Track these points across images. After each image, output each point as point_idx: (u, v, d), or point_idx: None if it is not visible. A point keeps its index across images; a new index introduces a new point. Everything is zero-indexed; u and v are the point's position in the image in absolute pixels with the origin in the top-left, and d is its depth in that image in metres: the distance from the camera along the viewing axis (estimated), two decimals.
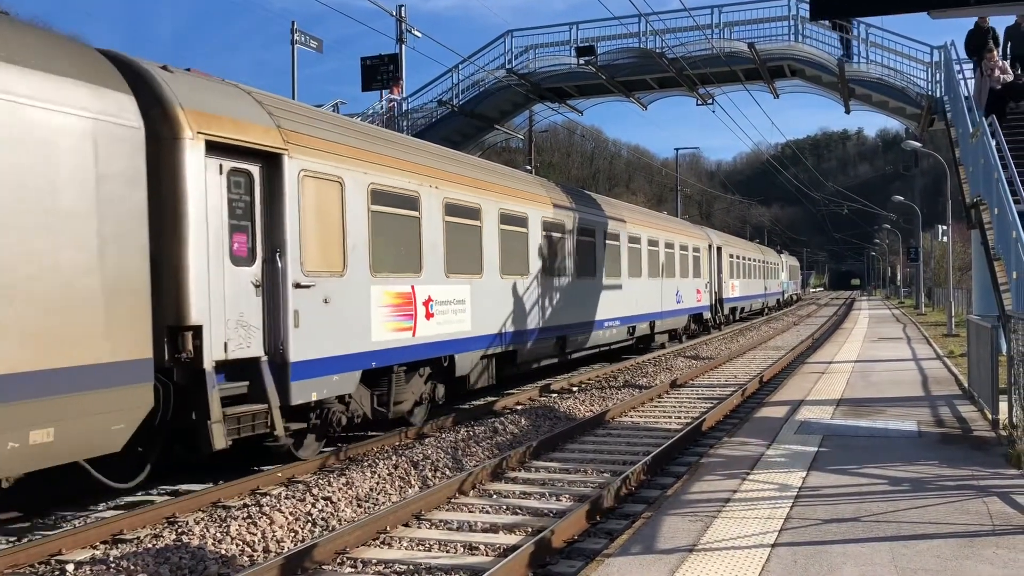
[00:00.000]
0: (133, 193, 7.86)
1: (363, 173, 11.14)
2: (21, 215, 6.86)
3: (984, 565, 5.47)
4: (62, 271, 7.16)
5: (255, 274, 9.40)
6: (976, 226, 13.98)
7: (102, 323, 7.48)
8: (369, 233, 11.19)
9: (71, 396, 7.15)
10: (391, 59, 26.16)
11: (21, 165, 6.89)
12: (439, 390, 13.23)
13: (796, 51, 21.93)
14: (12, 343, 6.69)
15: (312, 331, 9.94)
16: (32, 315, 6.88)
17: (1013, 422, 9.13)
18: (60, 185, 7.20)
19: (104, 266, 7.53)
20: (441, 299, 12.96)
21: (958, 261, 44.52)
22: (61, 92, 7.28)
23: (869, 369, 17.38)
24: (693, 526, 6.47)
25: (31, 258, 6.91)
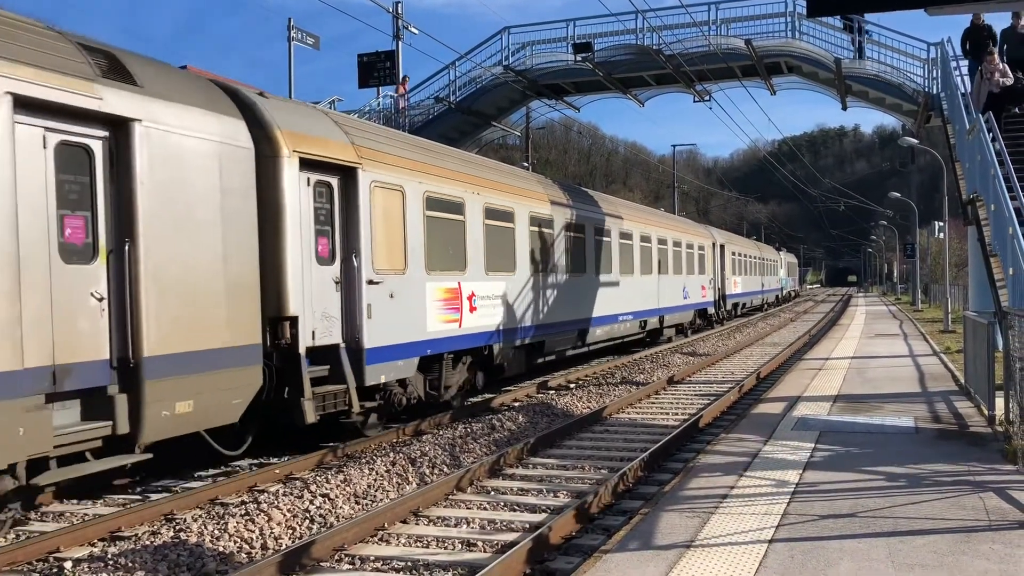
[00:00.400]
0: (246, 205, 9.26)
1: (419, 183, 12.60)
2: (172, 225, 8.27)
3: (980, 560, 5.49)
4: (199, 271, 8.57)
5: (335, 272, 10.81)
6: (973, 222, 13.98)
7: (225, 314, 8.87)
8: (424, 235, 12.63)
9: (204, 375, 8.54)
10: (388, 56, 26.12)
11: (171, 183, 8.27)
12: (479, 377, 14.71)
13: (793, 48, 21.94)
14: (167, 332, 8.11)
15: (381, 322, 11.34)
16: (178, 308, 8.27)
17: (1009, 418, 9.15)
18: (196, 199, 8.59)
19: (227, 267, 8.92)
20: (482, 294, 14.40)
21: (955, 257, 44.58)
22: (196, 121, 8.69)
23: (866, 365, 17.41)
24: (690, 522, 6.48)
25: (179, 260, 8.35)
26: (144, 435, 7.99)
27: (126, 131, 7.97)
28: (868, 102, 22.59)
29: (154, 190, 8.14)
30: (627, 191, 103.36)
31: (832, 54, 21.34)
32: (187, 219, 8.47)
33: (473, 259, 14.16)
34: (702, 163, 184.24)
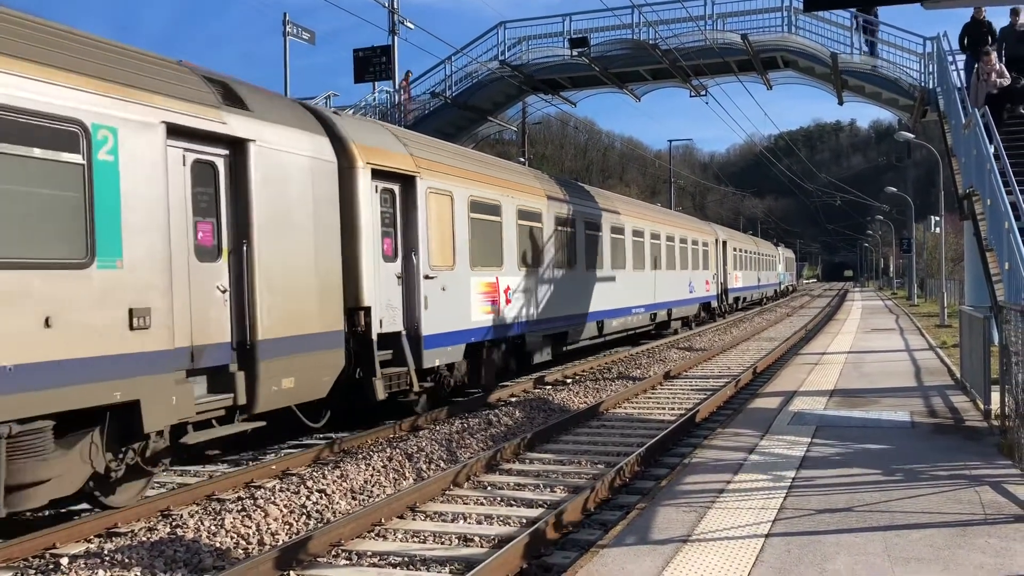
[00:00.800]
0: (331, 211, 10.63)
1: (465, 188, 14.05)
2: (277, 229, 9.61)
3: (976, 554, 5.50)
4: (297, 268, 9.92)
5: (397, 269, 12.23)
6: (968, 217, 13.98)
7: (316, 304, 10.23)
8: (469, 235, 14.09)
9: (302, 355, 9.84)
10: (383, 51, 26.04)
11: (276, 193, 9.61)
12: (512, 363, 16.04)
13: (789, 42, 21.91)
14: (275, 319, 9.43)
15: (435, 312, 12.76)
16: (282, 298, 9.61)
17: (1005, 412, 9.18)
18: (294, 207, 9.93)
19: (318, 264, 10.29)
20: (515, 288, 15.81)
21: (951, 252, 44.67)
22: (293, 139, 10.02)
23: (862, 360, 17.43)
24: (687, 517, 6.49)
25: (282, 259, 9.65)
26: (258, 406, 9.23)
27: (242, 150, 9.28)
28: (864, 97, 22.58)
29: (263, 199, 9.43)
30: (623, 186, 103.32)
31: (828, 48, 21.33)
32: (288, 224, 9.84)
33: (508, 256, 15.60)
34: (698, 158, 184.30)
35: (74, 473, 7.41)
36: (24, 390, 6.69)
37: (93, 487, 7.79)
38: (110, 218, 7.57)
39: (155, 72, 8.42)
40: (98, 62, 7.73)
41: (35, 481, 7.05)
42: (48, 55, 7.21)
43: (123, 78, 7.87)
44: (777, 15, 22.17)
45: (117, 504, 8.04)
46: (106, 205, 7.54)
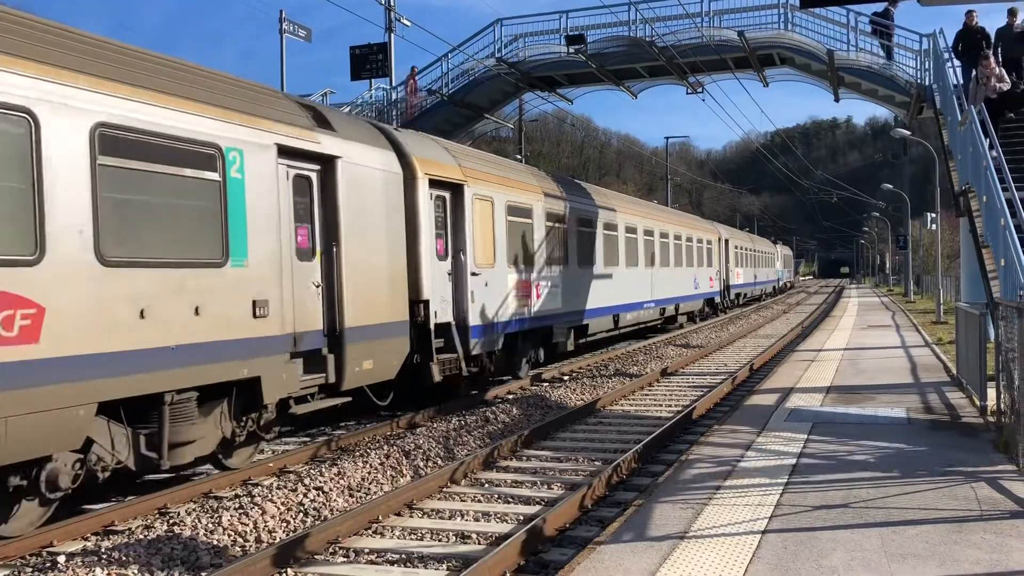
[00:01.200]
0: (398, 216, 12.10)
1: (503, 194, 15.46)
2: (358, 232, 11.02)
3: (972, 550, 5.52)
4: (373, 266, 11.36)
5: (448, 267, 13.60)
6: (965, 214, 13.97)
7: (388, 297, 11.69)
8: (506, 236, 15.47)
9: (378, 341, 11.33)
10: (380, 48, 26.00)
11: (357, 202, 11.05)
12: (540, 353, 17.46)
13: (785, 39, 21.91)
14: (357, 310, 10.83)
15: (479, 305, 14.19)
16: (363, 292, 11.01)
17: (1001, 408, 9.20)
18: (371, 213, 11.38)
19: (389, 263, 11.79)
20: (544, 284, 17.21)
21: (947, 249, 44.75)
22: (369, 155, 11.54)
23: (858, 357, 17.46)
24: (684, 513, 6.50)
25: (362, 258, 11.07)
26: (345, 384, 10.64)
27: (332, 165, 10.68)
28: (860, 94, 22.59)
29: (348, 207, 10.84)
30: (620, 183, 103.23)
31: (825, 45, 21.33)
32: (366, 228, 11.26)
33: (538, 255, 17.04)
34: (695, 155, 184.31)
35: (210, 437, 8.86)
36: (181, 366, 8.14)
37: (217, 450, 9.17)
38: (239, 225, 9.05)
39: (267, 101, 9.99)
40: (227, 95, 9.24)
41: (186, 441, 8.48)
42: (189, 90, 8.62)
43: (246, 108, 9.40)
44: (774, 12, 22.17)
45: (234, 466, 9.54)
46: (236, 214, 9.03)
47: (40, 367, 6.84)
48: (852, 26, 21.25)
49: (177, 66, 8.84)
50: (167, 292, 8.06)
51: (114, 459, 7.89)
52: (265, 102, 9.91)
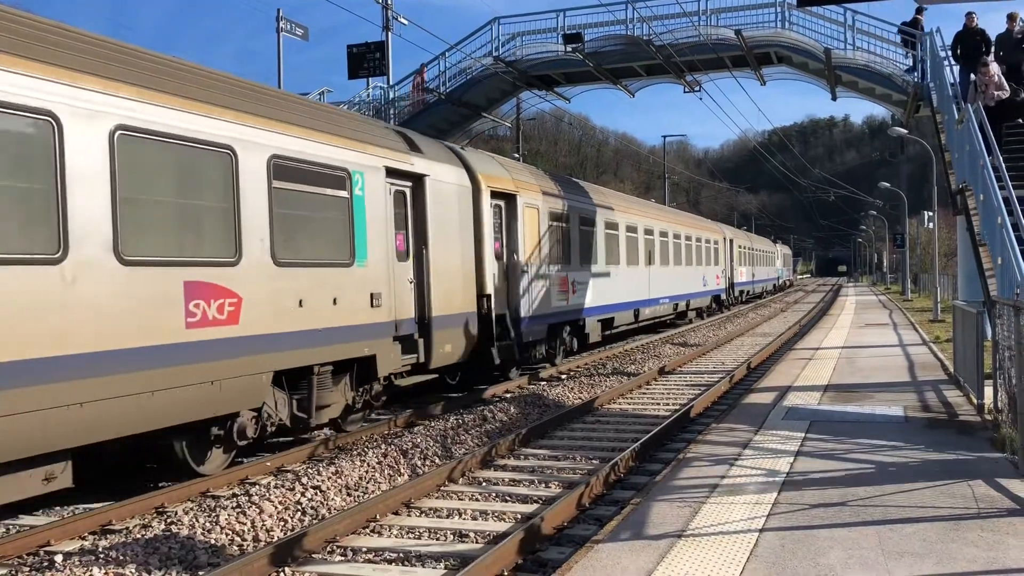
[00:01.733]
0: (468, 223, 14.29)
1: (546, 201, 17.60)
2: (441, 237, 13.25)
3: (969, 548, 5.52)
4: (451, 265, 13.54)
5: (503, 265, 15.65)
6: (962, 212, 13.98)
7: (462, 291, 13.86)
8: (548, 239, 17.56)
9: (455, 328, 13.49)
10: (377, 47, 26.00)
11: (440, 212, 13.26)
12: (575, 342, 19.42)
13: (783, 38, 21.91)
14: (440, 302, 13.02)
15: (529, 299, 16.32)
16: (444, 287, 13.24)
17: (998, 406, 9.21)
18: (449, 221, 13.59)
19: (463, 263, 13.96)
20: (578, 281, 19.34)
21: (944, 247, 44.77)
22: (447, 172, 13.73)
23: (856, 355, 17.48)
24: (682, 512, 6.50)
25: (444, 259, 13.28)
26: (432, 364, 12.83)
27: (421, 182, 12.86)
28: (858, 92, 22.60)
29: (433, 216, 13.00)
30: (618, 182, 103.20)
31: (822, 44, 21.34)
32: (446, 233, 13.46)
33: (573, 255, 19.07)
34: (692, 154, 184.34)
35: (339, 403, 10.92)
36: (325, 344, 10.26)
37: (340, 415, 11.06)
38: (361, 233, 11.13)
39: (377, 131, 12.40)
40: (350, 128, 11.47)
41: (325, 405, 10.56)
42: (328, 126, 10.85)
43: (364, 137, 11.61)
44: (771, 10, 22.18)
45: (351, 429, 11.48)
46: (359, 224, 11.09)
47: (240, 343, 8.92)
48: (849, 25, 21.25)
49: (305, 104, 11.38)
50: (316, 286, 10.16)
51: (277, 417, 9.79)
52: (375, 131, 12.35)
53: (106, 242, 7.55)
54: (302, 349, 9.86)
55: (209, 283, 8.61)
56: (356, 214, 11.03)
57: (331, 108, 12.42)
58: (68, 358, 7.13)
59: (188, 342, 8.32)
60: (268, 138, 9.52)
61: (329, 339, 10.31)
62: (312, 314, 10.02)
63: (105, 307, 7.50)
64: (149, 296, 7.95)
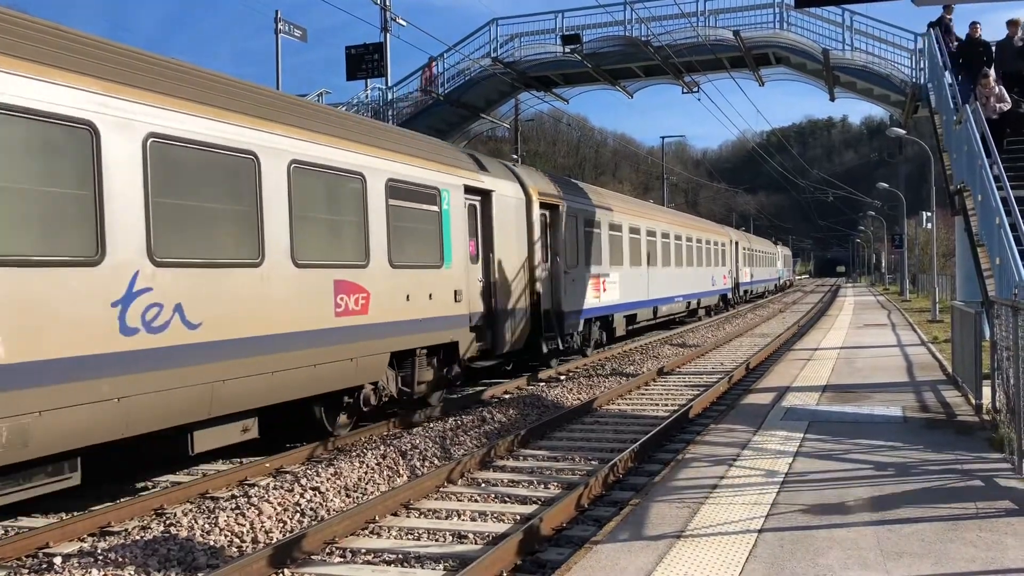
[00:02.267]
0: (523, 230, 16.55)
1: (582, 210, 19.97)
2: (504, 243, 15.53)
3: (967, 548, 5.53)
4: (511, 267, 15.74)
5: (548, 267, 17.74)
6: (960, 212, 13.99)
7: (518, 289, 16.02)
8: (585, 243, 20.02)
9: (515, 320, 15.76)
10: (376, 48, 26.00)
11: (503, 222, 15.53)
12: (604, 335, 22.02)
13: (781, 39, 21.95)
14: (503, 298, 15.25)
15: (570, 296, 18.60)
16: (507, 285, 15.48)
17: (996, 407, 9.22)
18: (510, 229, 15.86)
19: (519, 264, 16.14)
20: (608, 281, 21.57)
21: (942, 247, 44.80)
22: (507, 187, 15.94)
23: (854, 355, 17.49)
24: (681, 512, 6.51)
25: (506, 261, 15.56)
26: (497, 350, 15.15)
27: (488, 196, 15.09)
28: (856, 93, 22.64)
29: (497, 225, 15.26)
30: (616, 183, 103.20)
31: (820, 45, 21.37)
32: (507, 240, 15.71)
33: (604, 257, 21.44)
34: (691, 154, 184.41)
35: (429, 381, 12.98)
36: (424, 331, 12.53)
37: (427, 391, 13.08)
38: (447, 240, 13.40)
39: (456, 155, 14.83)
40: (439, 154, 13.82)
41: (422, 381, 12.71)
42: (424, 152, 13.18)
43: (449, 161, 13.95)
44: (769, 11, 22.22)
45: (433, 403, 13.35)
46: (446, 233, 13.38)
47: (369, 329, 11.16)
48: (848, 25, 21.29)
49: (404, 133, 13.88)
50: (418, 284, 12.41)
51: (389, 390, 11.93)
52: (456, 155, 14.74)
53: (286, 250, 9.71)
54: (409, 335, 12.17)
55: (350, 281, 10.87)
56: (444, 225, 13.36)
57: (423, 137, 14.67)
58: (266, 338, 9.33)
59: (336, 327, 10.51)
60: (387, 166, 11.85)
61: (427, 327, 12.65)
62: (416, 307, 12.36)
63: (286, 299, 9.64)
64: (313, 291, 10.11)
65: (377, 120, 14.20)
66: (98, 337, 7.39)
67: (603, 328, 21.78)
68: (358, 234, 11.13)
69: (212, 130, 8.70)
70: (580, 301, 19.28)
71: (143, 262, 7.85)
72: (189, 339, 8.30)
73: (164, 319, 8.06)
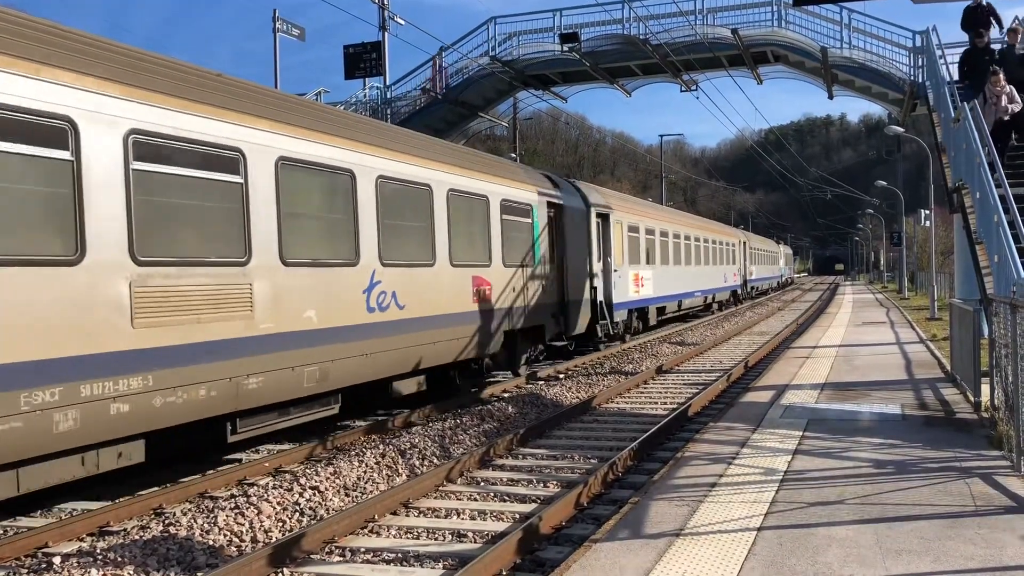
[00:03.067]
0: (584, 236, 19.60)
1: (624, 217, 23.10)
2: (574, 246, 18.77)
3: (966, 545, 5.53)
4: (577, 264, 19.01)
5: (601, 265, 20.75)
6: (958, 210, 13.97)
7: (581, 284, 19.21)
8: (628, 245, 23.28)
9: (579, 309, 18.86)
10: (374, 47, 25.98)
11: (573, 228, 18.73)
12: (640, 324, 25.46)
13: (779, 37, 21.96)
14: (572, 290, 18.32)
15: (617, 291, 21.82)
16: (576, 279, 18.74)
17: (995, 404, 9.23)
18: (576, 234, 19.01)
19: (581, 264, 19.28)
20: (644, 277, 25.11)
21: (940, 245, 44.78)
22: (574, 201, 19.14)
23: (853, 353, 17.50)
24: (680, 511, 6.51)
25: (575, 261, 18.73)
26: (568, 332, 18.40)
27: (560, 208, 18.13)
28: (854, 91, 22.65)
29: (568, 232, 18.45)
30: (615, 181, 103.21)
31: (818, 43, 21.36)
32: (574, 243, 18.88)
33: (642, 257, 24.92)
34: (689, 153, 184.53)
35: (524, 355, 16.68)
36: (525, 316, 15.90)
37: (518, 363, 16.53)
38: (536, 244, 16.69)
39: (540, 177, 18.17)
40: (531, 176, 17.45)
41: (521, 354, 16.36)
42: (523, 176, 16.77)
43: (537, 182, 17.42)
44: (767, 10, 22.24)
45: (521, 374, 16.55)
46: (536, 239, 16.67)
47: (494, 313, 14.70)
48: (846, 24, 21.30)
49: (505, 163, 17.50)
50: (520, 279, 15.90)
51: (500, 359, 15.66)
52: (540, 177, 18.16)
53: (448, 256, 13.19)
54: (517, 318, 15.65)
55: (482, 277, 14.32)
56: (535, 232, 16.71)
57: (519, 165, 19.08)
58: (437, 317, 12.75)
59: (474, 311, 13.96)
60: (500, 190, 15.31)
61: (526, 313, 16.10)
62: (520, 297, 15.83)
63: (447, 290, 13.18)
64: (460, 284, 13.62)
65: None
66: (356, 313, 10.85)
67: (640, 318, 25.38)
68: (485, 240, 14.69)
69: (403, 173, 12.12)
70: (625, 295, 22.71)
71: (377, 264, 11.37)
72: (400, 316, 11.85)
73: (387, 302, 11.56)
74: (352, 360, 10.70)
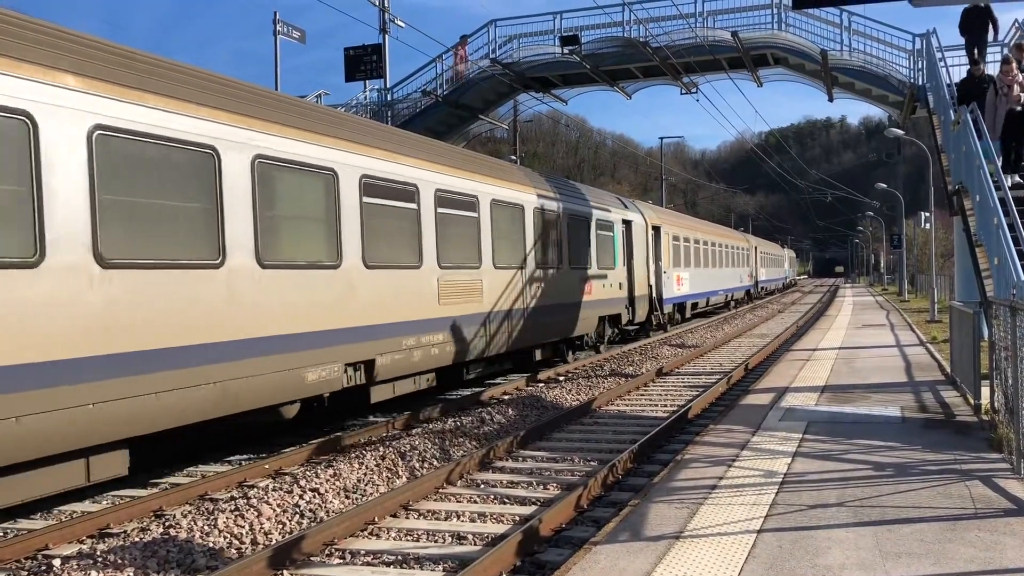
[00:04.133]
0: (643, 245, 24.91)
1: (673, 230, 29.20)
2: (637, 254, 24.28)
3: (967, 548, 5.54)
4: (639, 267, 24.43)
5: (654, 268, 26.08)
6: (958, 213, 13.98)
7: (643, 283, 24.81)
8: (673, 252, 28.82)
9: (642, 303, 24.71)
10: (374, 50, 26.01)
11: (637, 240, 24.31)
12: (677, 316, 30.61)
13: (779, 39, 21.97)
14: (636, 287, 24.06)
15: (665, 288, 27.46)
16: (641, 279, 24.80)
17: (995, 407, 9.22)
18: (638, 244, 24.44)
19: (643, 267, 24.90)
20: (684, 278, 30.84)
21: (940, 248, 44.81)
22: (635, 216, 24.56)
23: (853, 356, 17.50)
24: (680, 513, 6.51)
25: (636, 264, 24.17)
26: (635, 320, 23.68)
27: (629, 224, 23.31)
28: (854, 93, 22.66)
29: (633, 242, 23.65)
30: (615, 183, 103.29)
31: (818, 46, 21.38)
32: (637, 251, 23.92)
33: (683, 260, 30.64)
34: (689, 155, 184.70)
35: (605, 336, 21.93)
36: (610, 306, 21.72)
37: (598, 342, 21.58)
38: (616, 252, 22.08)
39: (615, 200, 23.58)
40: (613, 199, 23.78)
41: (602, 332, 21.64)
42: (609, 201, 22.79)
43: (615, 204, 23.05)
44: (767, 12, 22.25)
45: (601, 351, 21.42)
46: (616, 247, 22.10)
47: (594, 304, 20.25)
48: (845, 26, 21.31)
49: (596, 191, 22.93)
50: (609, 279, 21.12)
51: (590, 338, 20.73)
52: (616, 200, 23.34)
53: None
54: (605, 307, 20.93)
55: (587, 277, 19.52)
56: (615, 243, 21.82)
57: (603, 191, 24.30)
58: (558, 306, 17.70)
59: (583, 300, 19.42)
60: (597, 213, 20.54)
61: (611, 304, 21.53)
62: (607, 291, 21.17)
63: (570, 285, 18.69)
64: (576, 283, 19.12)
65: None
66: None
67: (679, 311, 31.00)
68: (588, 251, 19.93)
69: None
70: (671, 292, 28.45)
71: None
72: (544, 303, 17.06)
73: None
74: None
